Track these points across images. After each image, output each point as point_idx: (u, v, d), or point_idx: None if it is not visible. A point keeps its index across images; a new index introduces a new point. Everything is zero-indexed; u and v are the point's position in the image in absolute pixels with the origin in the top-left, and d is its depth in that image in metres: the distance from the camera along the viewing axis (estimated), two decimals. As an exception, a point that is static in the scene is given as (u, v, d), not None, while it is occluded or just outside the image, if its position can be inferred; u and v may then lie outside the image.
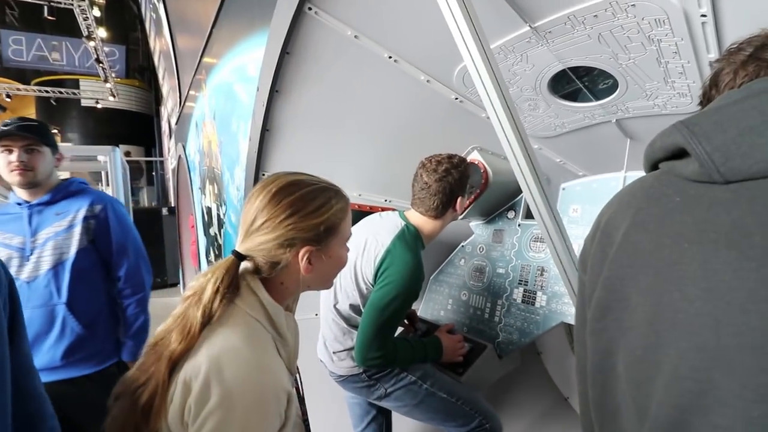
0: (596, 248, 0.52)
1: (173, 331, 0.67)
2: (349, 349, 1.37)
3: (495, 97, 0.92)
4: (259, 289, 0.73)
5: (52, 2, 7.32)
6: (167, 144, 9.45)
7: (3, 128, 1.39)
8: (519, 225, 1.77)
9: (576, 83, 1.25)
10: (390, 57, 1.36)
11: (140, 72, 12.28)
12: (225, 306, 0.69)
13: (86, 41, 7.69)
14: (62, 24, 9.85)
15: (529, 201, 1.00)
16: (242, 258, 0.74)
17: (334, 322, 1.40)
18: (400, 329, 1.77)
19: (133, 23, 11.56)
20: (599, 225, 0.53)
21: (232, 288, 0.72)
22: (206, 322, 0.68)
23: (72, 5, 7.11)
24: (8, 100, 9.82)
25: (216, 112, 2.81)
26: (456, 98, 1.49)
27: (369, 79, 1.47)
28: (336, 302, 1.40)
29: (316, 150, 1.67)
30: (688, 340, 0.38)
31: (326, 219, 0.75)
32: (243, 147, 1.85)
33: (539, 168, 0.97)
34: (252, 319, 0.71)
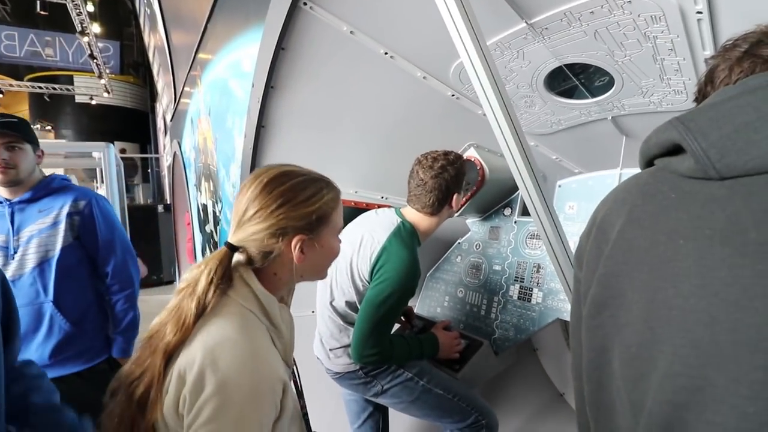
0: (592, 245, 0.52)
1: (168, 324, 0.67)
2: (346, 346, 1.37)
3: (491, 94, 0.91)
4: (252, 280, 0.73)
5: (45, -3, 7.24)
6: (162, 141, 9.39)
7: None
8: (515, 222, 1.77)
9: (572, 80, 1.25)
10: (386, 53, 1.36)
11: (135, 68, 12.18)
12: (219, 297, 0.69)
13: (80, 37, 7.60)
14: (55, 19, 9.76)
15: (526, 198, 1.00)
16: (235, 249, 0.74)
17: (331, 319, 1.40)
18: (397, 326, 1.77)
19: (128, 18, 11.46)
20: (595, 222, 0.53)
21: (226, 279, 0.71)
22: (200, 314, 0.68)
23: (65, 0, 7.02)
24: (1, 96, 9.72)
25: (211, 109, 2.79)
26: (452, 95, 1.49)
27: (365, 75, 1.46)
28: (332, 299, 1.40)
29: (312, 146, 1.66)
30: (683, 337, 0.38)
31: (318, 208, 0.76)
32: (238, 143, 1.84)
33: (535, 165, 0.97)
34: (246, 310, 0.71)
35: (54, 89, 10.20)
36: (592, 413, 0.50)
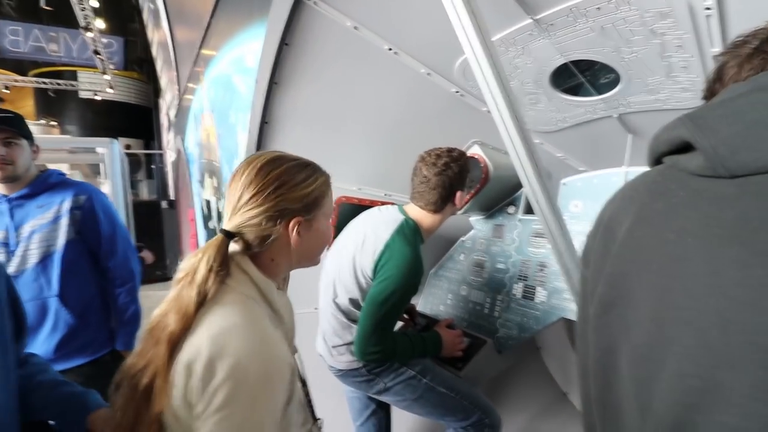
0: (599, 244, 0.51)
1: (169, 313, 0.67)
2: (348, 344, 1.37)
3: (496, 91, 0.91)
4: (250, 267, 0.74)
5: (49, -8, 7.24)
6: (166, 137, 9.41)
7: None
8: (519, 220, 1.76)
9: (578, 77, 1.24)
10: (390, 49, 1.35)
11: (139, 64, 12.18)
12: (218, 285, 0.69)
13: (84, 32, 7.61)
14: (60, 14, 9.77)
15: (530, 196, 0.99)
16: (231, 236, 0.73)
17: (333, 317, 1.40)
18: (400, 324, 1.77)
19: (132, 14, 11.43)
20: (602, 220, 0.53)
21: (224, 267, 0.71)
22: (201, 302, 0.67)
23: (69, -5, 7.02)
24: (6, 92, 9.77)
25: (214, 105, 2.79)
26: (456, 91, 1.48)
27: (369, 71, 1.46)
28: (335, 296, 1.40)
29: (315, 143, 1.65)
30: (693, 337, 0.37)
31: (314, 190, 0.77)
32: (242, 139, 1.83)
33: (540, 163, 0.96)
34: (246, 297, 0.71)
35: (58, 85, 10.22)
36: (599, 414, 0.50)
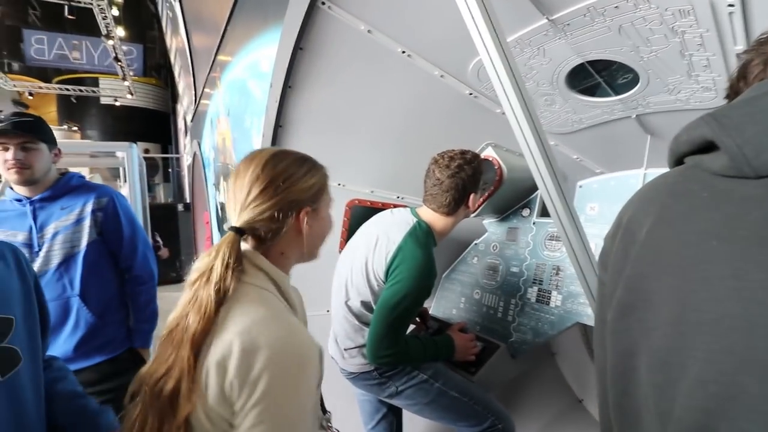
0: (618, 246, 0.50)
1: (188, 315, 0.66)
2: (360, 347, 1.36)
3: (511, 92, 0.90)
4: (263, 262, 0.74)
5: (73, 2, 7.47)
6: (183, 141, 9.60)
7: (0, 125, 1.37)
8: (534, 223, 1.74)
9: (595, 77, 1.22)
10: (403, 52, 1.35)
11: (157, 70, 12.47)
12: (236, 283, 0.69)
13: (105, 40, 7.83)
14: (82, 23, 10.07)
15: (546, 199, 0.98)
16: (242, 233, 0.73)
17: (346, 319, 1.40)
18: (412, 327, 1.76)
19: (150, 22, 11.74)
20: (621, 222, 0.52)
21: (239, 264, 0.71)
22: (221, 300, 0.66)
23: (91, 4, 7.24)
24: (30, 98, 10.09)
25: (230, 109, 2.83)
26: (470, 93, 1.47)
27: (382, 75, 1.46)
28: (347, 299, 1.40)
29: (329, 146, 1.66)
30: (716, 342, 0.36)
31: (317, 180, 0.79)
32: (256, 143, 1.85)
33: (556, 165, 0.95)
34: (263, 291, 0.71)
35: (80, 91, 10.52)
36: (617, 420, 0.48)
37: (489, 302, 1.78)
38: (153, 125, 12.19)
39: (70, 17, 9.07)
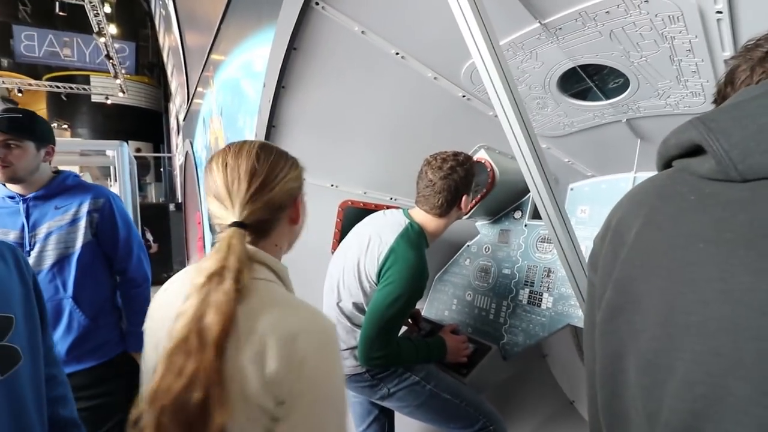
0: (607, 248, 0.50)
1: (203, 319, 0.61)
2: (352, 348, 1.36)
3: (503, 95, 0.90)
4: (265, 256, 0.73)
5: (64, -2, 7.39)
6: (175, 140, 9.51)
7: None
8: (526, 225, 1.75)
9: (586, 81, 1.23)
10: (397, 53, 1.35)
11: (150, 69, 12.38)
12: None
13: (97, 37, 7.74)
14: (73, 20, 9.97)
15: (537, 201, 0.98)
16: (245, 227, 0.70)
17: (337, 321, 1.39)
18: (404, 328, 1.75)
19: (143, 20, 11.65)
20: (610, 225, 0.52)
21: (249, 259, 0.69)
22: (239, 298, 0.63)
23: (83, 1, 7.16)
24: (20, 95, 9.95)
25: (223, 108, 2.82)
26: (463, 96, 1.48)
27: (375, 76, 1.46)
28: (339, 300, 1.39)
29: (322, 147, 1.66)
30: (703, 344, 0.36)
31: (300, 170, 0.80)
32: (249, 143, 1.84)
33: (547, 168, 0.95)
34: (272, 284, 0.71)
35: (71, 89, 10.40)
36: (606, 422, 0.49)
37: (481, 304, 1.78)
38: (145, 124, 12.08)
39: (61, 14, 8.96)
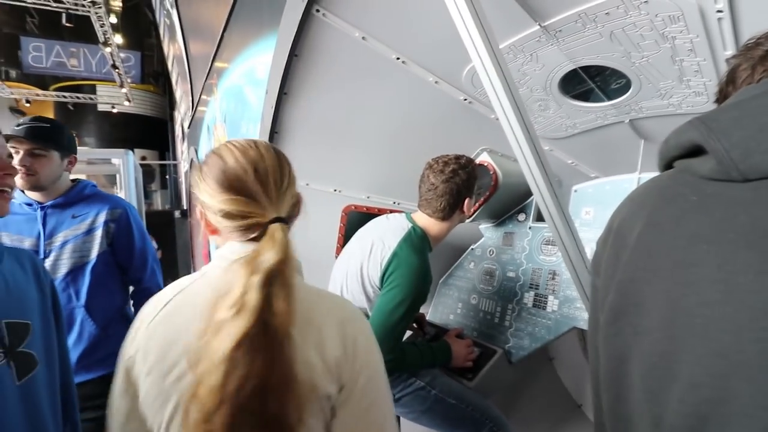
0: (609, 251, 0.50)
1: (272, 312, 0.58)
2: (357, 353, 1.35)
3: (504, 98, 0.90)
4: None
5: (70, 9, 7.49)
6: (180, 147, 9.59)
7: (14, 129, 1.37)
8: (530, 228, 1.74)
9: (588, 83, 1.22)
10: (398, 58, 1.36)
11: (155, 77, 12.51)
12: None
13: (103, 47, 7.85)
14: (80, 31, 10.11)
15: (540, 204, 0.98)
16: (285, 222, 0.68)
17: (342, 325, 1.39)
18: (409, 333, 1.75)
19: (148, 29, 11.80)
20: (612, 227, 0.52)
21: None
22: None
23: (89, 12, 7.27)
24: (28, 106, 10.08)
25: (226, 116, 2.84)
26: (465, 99, 1.48)
27: (377, 81, 1.47)
28: (343, 305, 1.39)
29: (325, 152, 1.67)
30: (706, 346, 0.36)
31: None
32: (252, 150, 1.85)
33: (550, 170, 0.95)
34: (300, 277, 0.70)
35: (78, 98, 10.53)
36: (611, 426, 0.48)
37: (486, 307, 1.77)
38: (150, 132, 12.20)
39: (68, 25, 9.09)
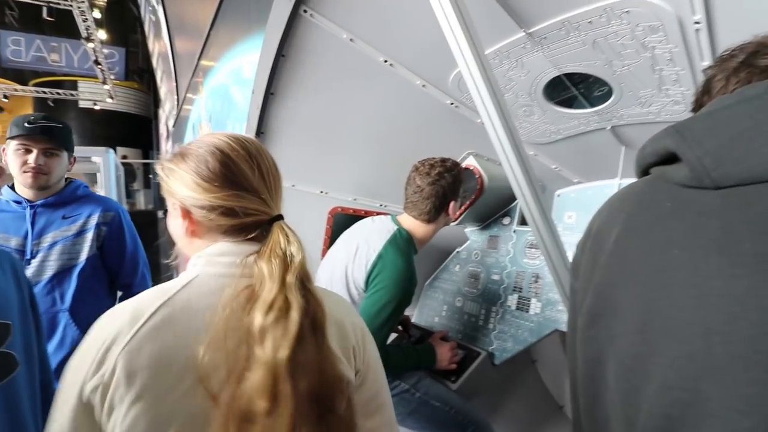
0: (588, 254, 0.51)
1: (311, 309, 0.58)
2: (341, 355, 1.35)
3: (489, 103, 0.91)
4: None
5: (52, 3, 7.31)
6: (165, 146, 9.42)
7: (27, 126, 1.33)
8: (514, 231, 1.76)
9: (571, 90, 1.25)
10: (385, 61, 1.36)
11: (139, 74, 12.29)
12: None
13: (85, 43, 7.68)
14: (62, 25, 9.87)
15: (524, 208, 0.99)
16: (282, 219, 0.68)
17: (326, 328, 1.38)
18: (394, 335, 1.75)
19: (133, 25, 11.58)
20: (591, 231, 0.53)
21: None
22: None
23: (71, 6, 7.11)
24: (5, 101, 9.80)
25: (212, 115, 2.80)
26: (451, 103, 1.49)
27: (364, 83, 1.47)
28: (328, 307, 1.38)
29: (311, 153, 1.66)
30: (678, 349, 0.37)
31: None
32: (238, 149, 1.83)
33: (533, 174, 0.96)
34: None
35: (58, 94, 10.27)
36: (588, 427, 0.49)
37: (470, 310, 1.78)
38: (134, 130, 11.96)
39: (49, 19, 8.87)
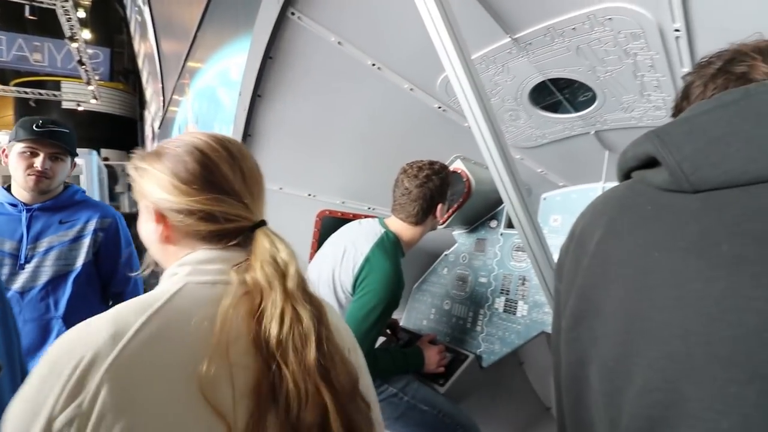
0: (571, 257, 0.52)
1: (323, 315, 0.58)
2: (328, 359, 1.34)
3: (476, 107, 0.92)
4: None
5: (34, 2, 7.16)
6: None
7: (35, 130, 1.31)
8: (501, 234, 1.77)
9: (556, 95, 1.27)
10: (373, 64, 1.36)
11: (125, 75, 12.11)
12: None
13: (69, 43, 7.54)
14: (45, 24, 9.67)
15: (510, 211, 1.00)
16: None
17: (313, 332, 1.37)
18: (382, 339, 1.74)
19: (119, 25, 11.42)
20: (574, 234, 0.53)
21: None
22: None
23: (54, 5, 6.98)
24: (-15, 101, 9.56)
25: (199, 117, 2.78)
26: (439, 107, 1.50)
27: (352, 86, 1.47)
28: (315, 311, 1.37)
29: (298, 156, 1.65)
30: (658, 350, 0.37)
31: None
32: (224, 152, 1.81)
33: (519, 178, 0.97)
34: None
35: (40, 94, 10.06)
36: (572, 428, 0.49)
37: (458, 313, 1.79)
38: (119, 131, 11.75)
39: (32, 17, 8.69)
